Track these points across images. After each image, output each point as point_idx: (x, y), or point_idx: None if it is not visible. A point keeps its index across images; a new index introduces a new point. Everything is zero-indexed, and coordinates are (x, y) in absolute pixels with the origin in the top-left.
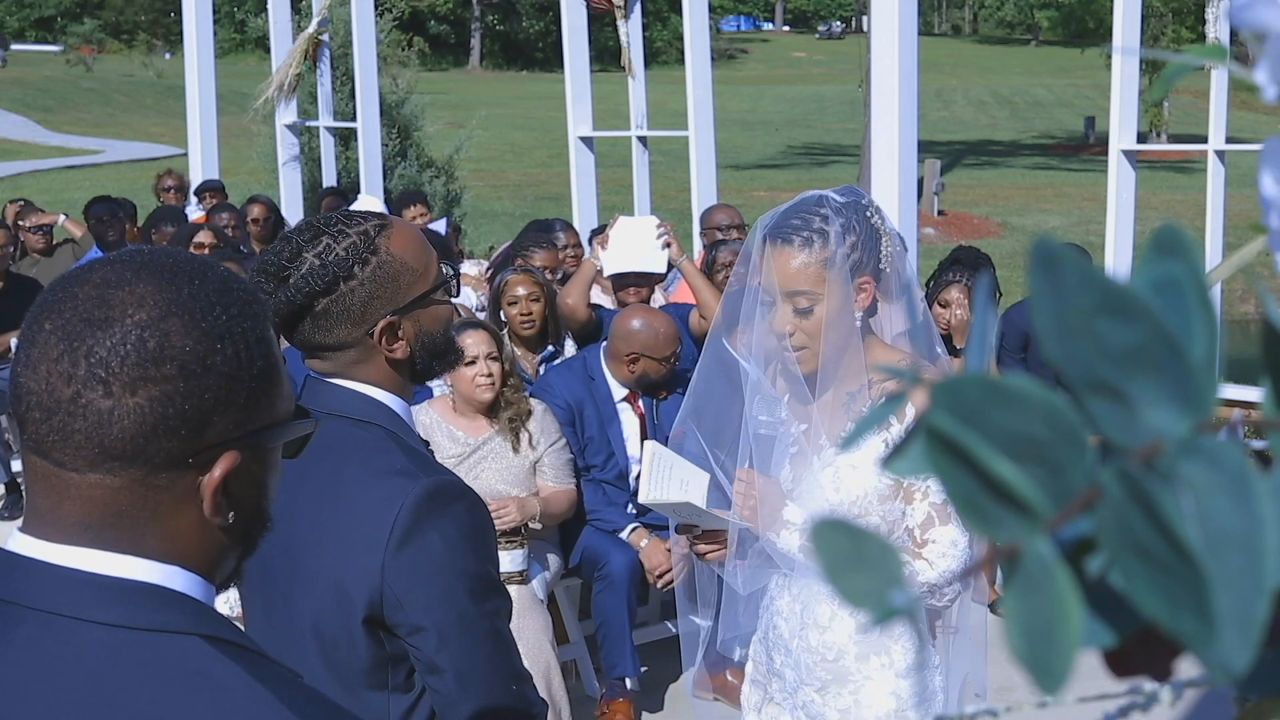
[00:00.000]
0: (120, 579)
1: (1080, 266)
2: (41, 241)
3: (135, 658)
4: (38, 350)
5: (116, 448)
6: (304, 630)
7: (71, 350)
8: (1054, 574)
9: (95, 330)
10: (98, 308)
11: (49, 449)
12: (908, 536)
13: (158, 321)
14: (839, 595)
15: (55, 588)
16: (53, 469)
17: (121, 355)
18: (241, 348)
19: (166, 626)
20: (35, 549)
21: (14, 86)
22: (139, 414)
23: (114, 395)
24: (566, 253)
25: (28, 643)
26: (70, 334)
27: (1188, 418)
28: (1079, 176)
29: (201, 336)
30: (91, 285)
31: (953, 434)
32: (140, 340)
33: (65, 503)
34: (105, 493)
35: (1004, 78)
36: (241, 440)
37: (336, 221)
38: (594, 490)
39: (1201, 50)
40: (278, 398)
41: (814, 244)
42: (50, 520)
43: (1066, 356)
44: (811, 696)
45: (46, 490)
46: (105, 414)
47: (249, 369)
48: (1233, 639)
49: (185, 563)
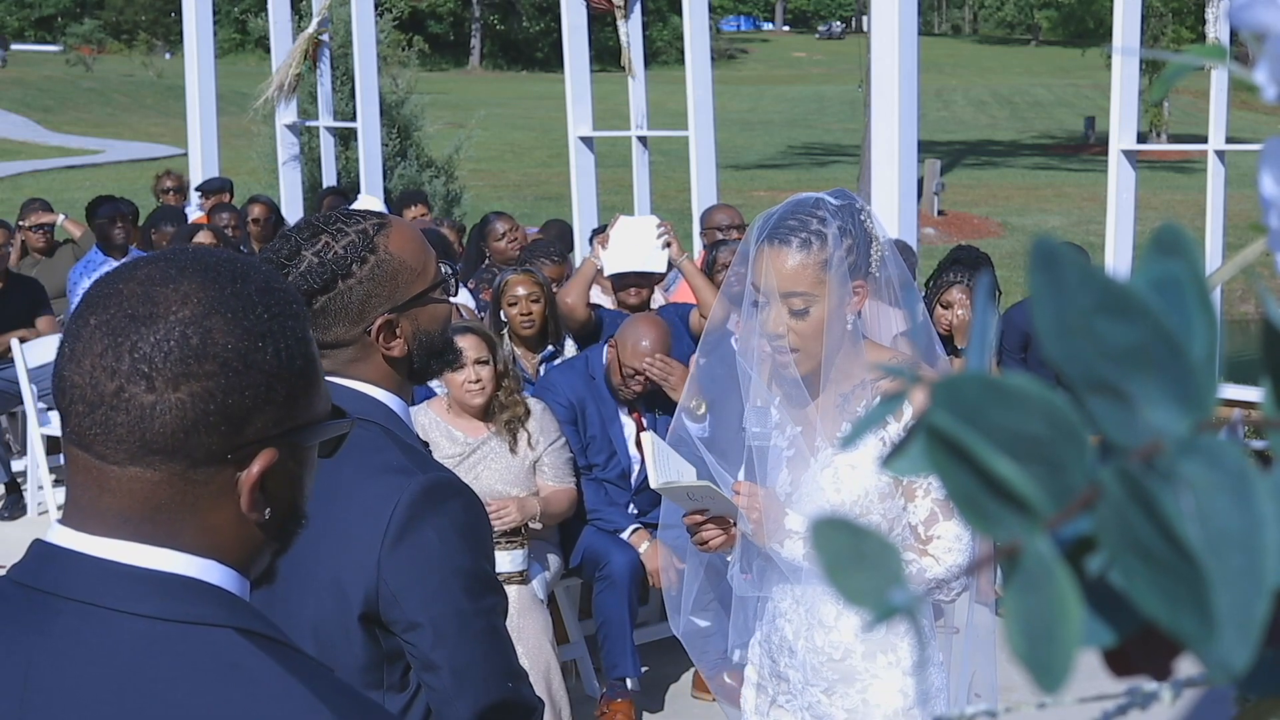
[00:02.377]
0: (157, 571)
1: (1080, 265)
2: (42, 241)
3: (170, 649)
4: (82, 345)
5: (157, 442)
6: (302, 629)
7: (116, 345)
8: (1054, 573)
9: (140, 326)
10: (143, 304)
11: (91, 442)
12: (910, 533)
13: (201, 319)
14: (839, 594)
15: (93, 579)
16: (94, 462)
17: (165, 351)
18: (282, 346)
19: (202, 619)
20: (74, 540)
21: (14, 86)
22: (180, 409)
23: (157, 390)
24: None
25: (65, 633)
26: (115, 329)
27: (1188, 417)
28: (1079, 176)
29: (244, 335)
30: (136, 282)
31: (953, 432)
32: (184, 337)
33: (105, 495)
34: (145, 486)
35: (1004, 78)
36: (280, 438)
37: (335, 220)
38: (595, 490)
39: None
40: (316, 397)
41: (812, 245)
42: (90, 512)
43: (1066, 355)
44: (818, 697)
45: (87, 483)
46: (148, 409)
47: (289, 368)
48: (1232, 638)
49: (221, 557)
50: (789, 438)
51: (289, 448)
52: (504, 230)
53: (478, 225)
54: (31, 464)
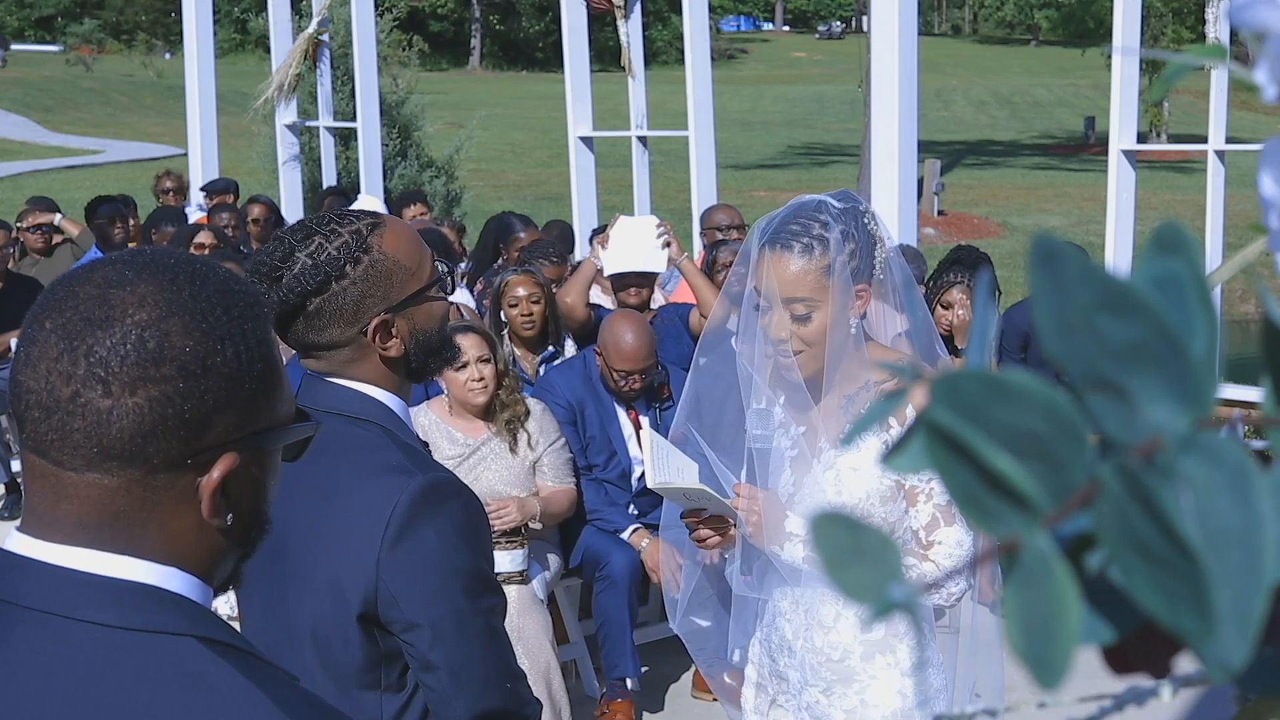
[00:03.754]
0: (116, 579)
1: (1081, 263)
2: (41, 241)
3: (130, 659)
4: (38, 349)
5: (115, 448)
6: (301, 629)
7: (71, 349)
8: (1053, 569)
9: (95, 330)
10: (98, 307)
11: (47, 448)
12: (911, 538)
13: (158, 322)
14: (838, 589)
15: (51, 588)
16: (51, 468)
17: (121, 355)
18: (242, 349)
19: (162, 628)
20: (32, 548)
21: (14, 86)
22: (138, 414)
23: (113, 395)
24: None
25: (23, 643)
26: (70, 333)
27: (1188, 414)
28: (1079, 176)
29: (202, 337)
30: (93, 285)
31: (953, 429)
32: (140, 340)
33: (63, 502)
34: (103, 493)
35: (1004, 78)
36: (241, 442)
37: (329, 221)
38: (595, 490)
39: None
40: (278, 400)
41: (814, 251)
42: (47, 520)
43: (1067, 352)
44: (817, 698)
45: (44, 489)
46: (104, 413)
47: (249, 371)
48: (1231, 635)
49: (183, 564)
50: (793, 438)
51: (251, 452)
52: (527, 238)
53: (494, 224)
54: None
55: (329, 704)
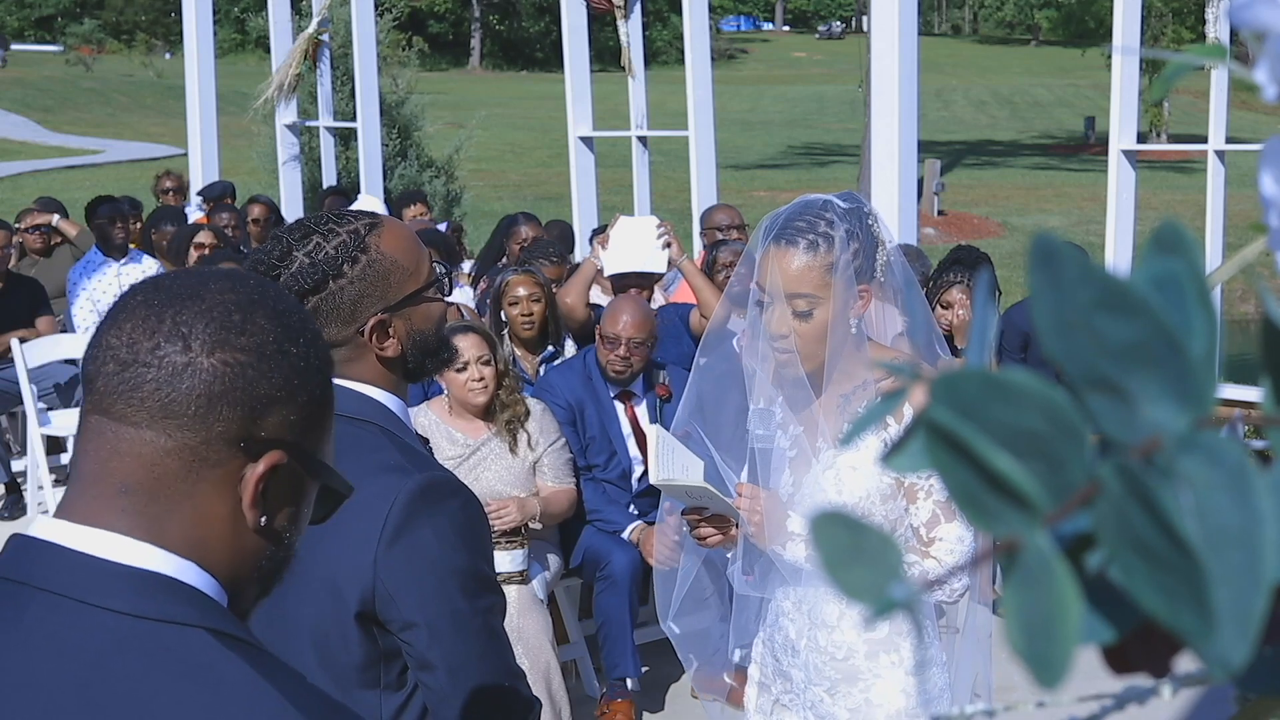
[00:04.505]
0: (133, 567)
1: (1080, 262)
2: (40, 242)
3: (140, 647)
4: (124, 315)
5: (179, 405)
6: (300, 629)
7: (159, 313)
8: (1053, 568)
9: (186, 300)
10: (191, 289)
11: (113, 402)
12: (912, 535)
13: (245, 305)
14: (838, 589)
15: (67, 571)
16: (110, 425)
17: (206, 320)
18: (312, 356)
19: (174, 618)
20: (55, 532)
21: (14, 86)
22: (210, 375)
23: (192, 352)
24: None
25: (36, 624)
26: (161, 303)
27: (1187, 413)
28: (1079, 176)
29: (282, 329)
30: (188, 275)
31: (952, 428)
32: (226, 312)
33: (113, 459)
34: (155, 452)
35: (1004, 78)
36: (291, 447)
37: (327, 220)
38: (595, 490)
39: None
40: (328, 436)
41: (819, 247)
42: (91, 484)
43: (1066, 352)
44: (821, 697)
45: (98, 450)
46: (179, 368)
47: (314, 379)
48: (1231, 634)
49: (203, 559)
50: (791, 438)
51: (297, 461)
52: (527, 235)
53: (505, 222)
54: (31, 464)
55: (336, 699)
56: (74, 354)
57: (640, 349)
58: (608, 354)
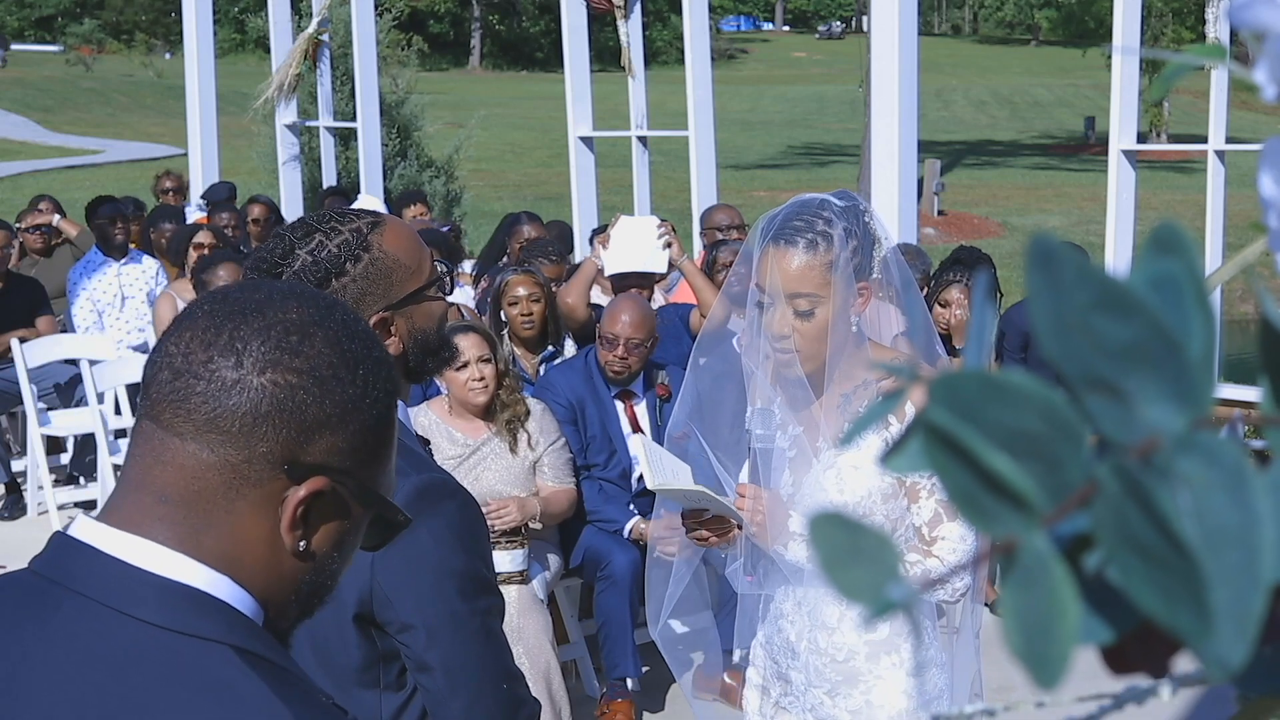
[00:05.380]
0: (165, 578)
1: (1077, 263)
2: (40, 241)
3: (162, 659)
4: (187, 324)
5: (225, 421)
6: (298, 631)
7: (218, 326)
8: (1050, 569)
9: (248, 316)
10: (256, 302)
11: (163, 409)
12: (914, 535)
13: (306, 326)
14: (836, 589)
15: (100, 575)
16: (159, 432)
17: (263, 338)
18: (372, 384)
19: (199, 632)
20: (94, 534)
21: (14, 86)
22: (259, 394)
23: (243, 369)
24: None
25: (63, 626)
26: (223, 315)
27: (1185, 414)
28: (1079, 176)
29: (339, 355)
30: (258, 291)
31: (950, 429)
32: (285, 332)
33: (157, 467)
34: (197, 465)
35: (1004, 78)
36: (337, 474)
37: (330, 218)
38: (594, 489)
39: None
40: (383, 464)
41: (818, 246)
42: (133, 490)
43: (1064, 353)
44: (821, 699)
45: (146, 455)
46: (229, 384)
47: (370, 409)
48: (1229, 634)
49: (238, 574)
50: (790, 438)
51: (339, 494)
52: (530, 235)
53: (507, 221)
54: (31, 464)
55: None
56: (74, 354)
57: (639, 349)
58: (607, 354)
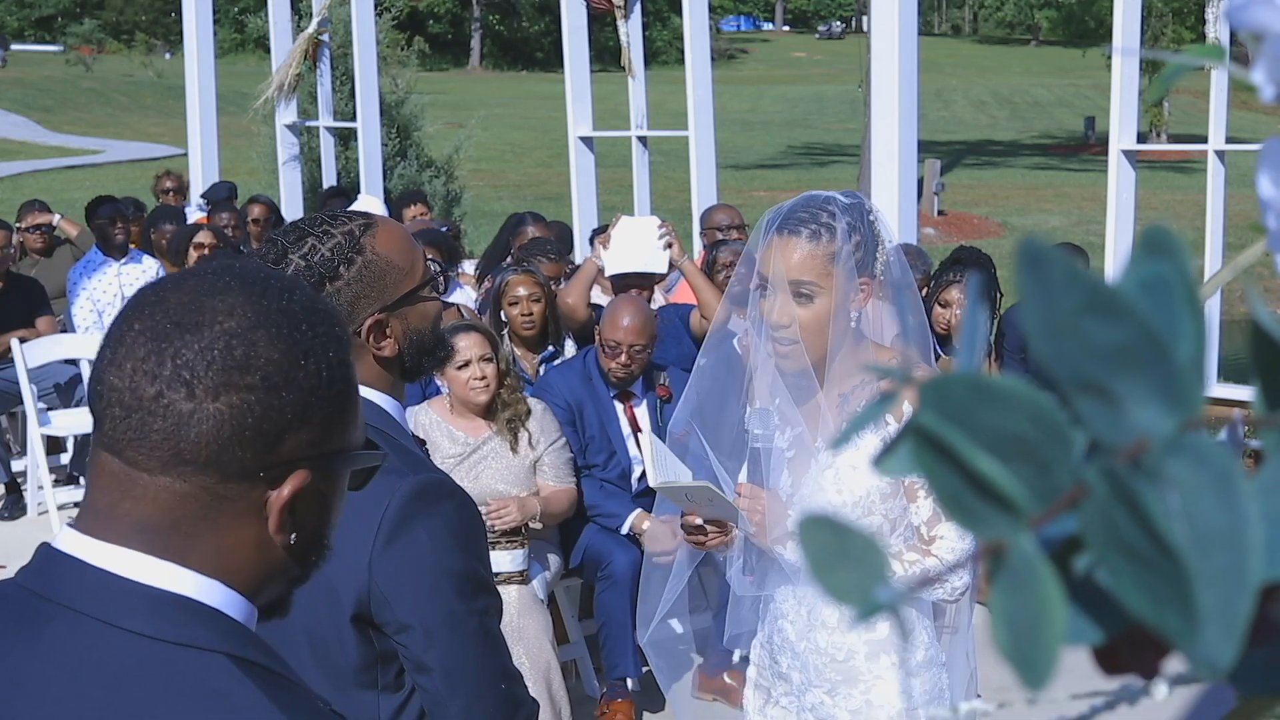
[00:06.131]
0: (156, 589)
1: (1067, 266)
2: (40, 241)
3: (156, 670)
4: (124, 350)
5: (191, 452)
6: (296, 631)
7: (159, 351)
8: (1038, 571)
9: (184, 333)
10: (189, 313)
11: (123, 447)
12: (913, 534)
13: (247, 331)
14: (824, 591)
15: (90, 589)
16: (123, 467)
17: (208, 360)
18: (324, 367)
19: (193, 642)
20: (80, 547)
21: (14, 86)
22: (218, 420)
23: (196, 398)
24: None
25: (55, 641)
26: (159, 335)
27: (1174, 416)
28: (1079, 176)
29: (287, 350)
30: (184, 291)
31: (938, 432)
32: (228, 347)
33: (126, 501)
34: (172, 497)
35: (1004, 78)
36: (313, 461)
37: (321, 222)
38: (594, 486)
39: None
40: (352, 425)
41: (821, 237)
42: (105, 517)
43: (1054, 355)
44: (821, 698)
45: (110, 487)
46: (185, 416)
47: (328, 389)
48: (1217, 635)
49: (229, 579)
50: (789, 439)
51: (321, 473)
52: (533, 235)
53: (512, 221)
54: (31, 464)
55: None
56: (74, 354)
57: (642, 354)
58: (609, 360)
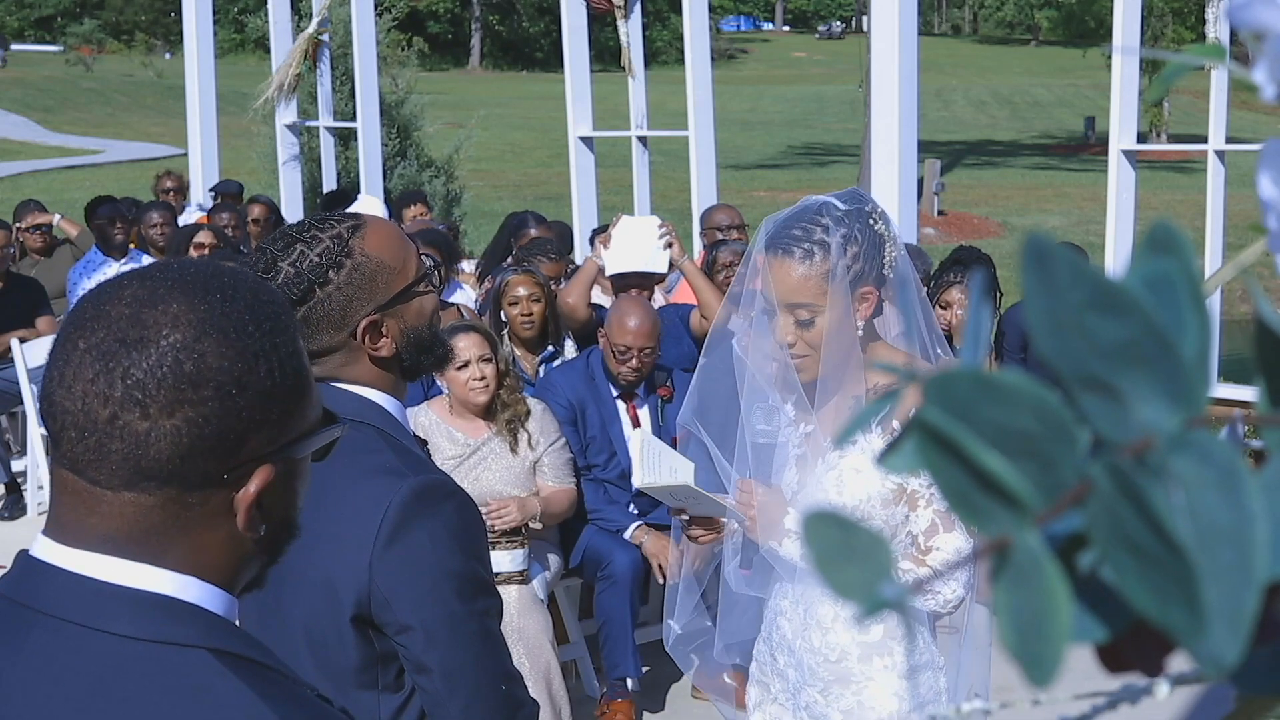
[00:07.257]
0: (133, 589)
1: (1072, 262)
2: (40, 241)
3: (139, 670)
4: (72, 370)
5: (153, 468)
6: (295, 631)
7: (108, 371)
8: (1043, 567)
9: (131, 351)
10: (132, 327)
11: (84, 467)
12: (910, 543)
13: (193, 343)
14: (828, 588)
15: (69, 595)
16: (85, 485)
17: (159, 377)
18: (275, 364)
19: (174, 639)
20: (55, 554)
21: (14, 86)
22: (176, 435)
23: (151, 417)
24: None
25: (38, 648)
26: (106, 354)
27: (1179, 413)
28: (1079, 176)
29: (237, 356)
30: (124, 303)
31: (943, 428)
32: (177, 362)
33: (92, 516)
34: (138, 510)
35: (1004, 78)
36: (275, 454)
37: (309, 227)
38: (595, 489)
39: (1201, 50)
40: (308, 407)
41: (814, 256)
42: (73, 529)
43: (1058, 352)
44: (814, 697)
45: (75, 504)
46: (142, 435)
47: (282, 385)
48: (1222, 633)
49: (205, 574)
50: (800, 436)
51: (284, 462)
52: (534, 235)
53: (512, 220)
54: (31, 464)
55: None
56: None
57: (651, 355)
58: (620, 365)
